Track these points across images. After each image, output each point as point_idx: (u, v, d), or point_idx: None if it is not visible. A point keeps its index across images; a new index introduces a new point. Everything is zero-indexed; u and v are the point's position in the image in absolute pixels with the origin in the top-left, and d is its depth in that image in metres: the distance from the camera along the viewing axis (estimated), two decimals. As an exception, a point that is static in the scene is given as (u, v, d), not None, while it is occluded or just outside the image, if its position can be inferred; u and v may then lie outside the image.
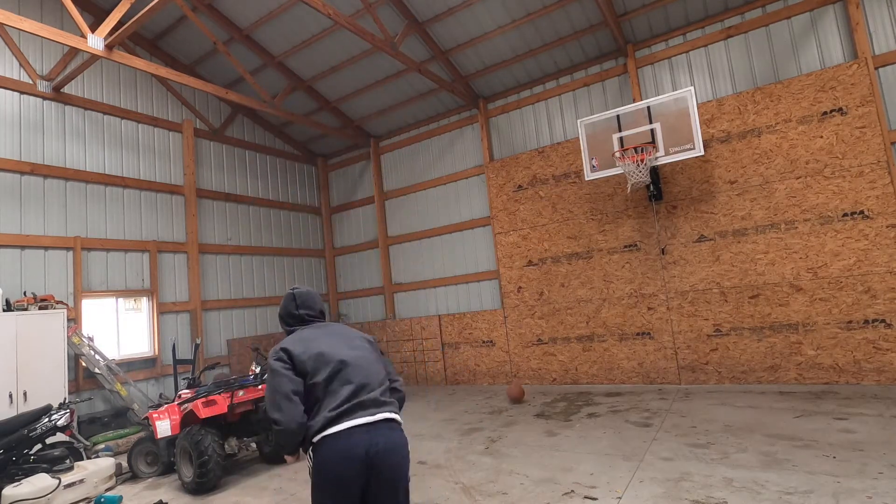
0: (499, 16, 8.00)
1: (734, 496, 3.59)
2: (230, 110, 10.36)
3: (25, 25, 5.66)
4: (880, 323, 6.21)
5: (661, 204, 7.68)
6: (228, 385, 5.55)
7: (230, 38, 8.90)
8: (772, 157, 6.93)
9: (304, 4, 7.38)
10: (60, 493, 4.74)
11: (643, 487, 3.93)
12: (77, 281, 7.38)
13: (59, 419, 5.39)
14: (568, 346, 8.44)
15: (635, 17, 7.68)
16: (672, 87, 7.80)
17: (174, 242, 8.84)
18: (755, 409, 5.75)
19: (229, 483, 5.16)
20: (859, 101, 6.42)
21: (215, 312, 9.40)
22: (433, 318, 10.01)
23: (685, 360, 7.43)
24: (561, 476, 4.35)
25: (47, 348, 6.33)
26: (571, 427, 5.84)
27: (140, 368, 8.06)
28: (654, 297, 7.69)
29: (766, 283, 6.90)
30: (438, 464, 5.03)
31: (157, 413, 5.37)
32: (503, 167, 9.27)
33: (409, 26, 8.10)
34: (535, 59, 8.71)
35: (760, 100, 7.02)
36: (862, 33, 6.47)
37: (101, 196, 7.97)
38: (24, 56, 7.32)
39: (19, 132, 7.16)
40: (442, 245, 10.20)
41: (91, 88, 8.12)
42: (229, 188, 10.13)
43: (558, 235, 8.60)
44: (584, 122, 7.75)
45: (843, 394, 5.96)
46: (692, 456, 4.47)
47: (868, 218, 6.34)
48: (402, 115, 10.50)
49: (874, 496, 3.35)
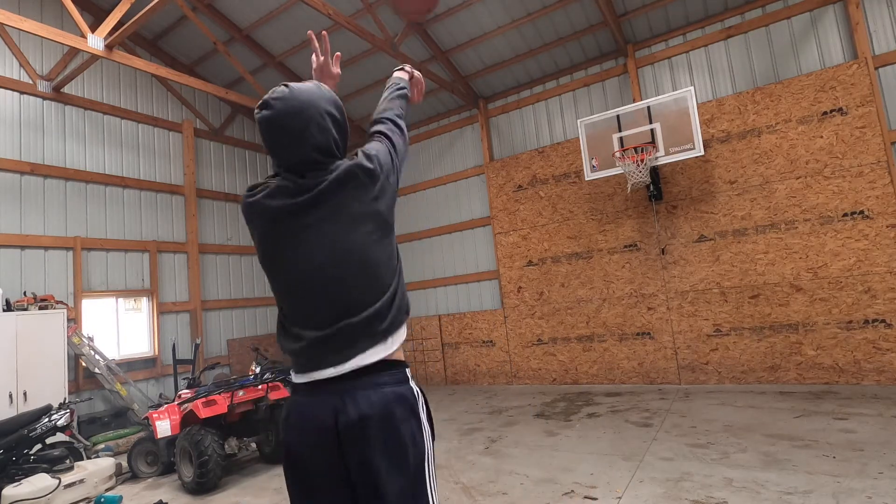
0: (499, 16, 8.00)
1: (734, 496, 3.59)
2: (230, 110, 10.36)
3: (25, 25, 5.66)
4: (880, 323, 6.21)
5: (661, 204, 7.68)
6: (228, 385, 5.55)
7: (230, 38, 8.91)
8: (772, 157, 6.93)
9: (304, 4, 7.38)
10: (60, 493, 4.74)
11: (643, 487, 3.92)
12: (77, 281, 7.38)
13: (59, 419, 5.39)
14: (568, 346, 8.44)
15: (635, 17, 7.68)
16: (672, 87, 7.80)
17: (174, 242, 8.84)
18: (755, 409, 5.75)
19: (229, 483, 5.16)
20: (859, 101, 6.42)
21: (215, 312, 9.40)
22: (433, 318, 10.01)
23: (685, 360, 7.43)
24: (561, 476, 4.35)
25: (47, 348, 6.33)
26: (571, 427, 5.84)
27: (140, 368, 8.06)
28: (654, 297, 7.68)
29: (766, 283, 6.90)
30: (438, 464, 5.03)
31: (157, 413, 5.38)
32: (503, 167, 9.27)
33: (409, 26, 8.10)
34: (535, 59, 8.71)
35: (760, 100, 7.02)
36: (862, 33, 6.47)
37: (101, 196, 7.98)
38: (24, 56, 7.32)
39: (19, 132, 7.16)
40: (442, 245, 10.20)
41: (91, 88, 8.12)
42: (229, 188, 10.13)
43: (558, 235, 8.60)
44: (584, 122, 7.75)
45: (843, 394, 5.96)
46: (692, 456, 4.47)
47: (868, 218, 6.34)
48: (402, 115, 10.49)
49: (874, 496, 3.35)
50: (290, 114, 1.48)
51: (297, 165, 1.51)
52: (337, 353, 1.44)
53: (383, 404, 1.41)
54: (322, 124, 1.52)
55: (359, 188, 1.49)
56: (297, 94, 1.50)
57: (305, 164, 1.51)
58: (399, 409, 1.44)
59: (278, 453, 5.61)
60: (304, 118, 1.49)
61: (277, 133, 1.50)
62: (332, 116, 1.55)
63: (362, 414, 1.39)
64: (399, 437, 1.41)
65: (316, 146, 1.50)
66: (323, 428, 1.41)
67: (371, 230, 1.51)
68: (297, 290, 1.49)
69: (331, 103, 1.57)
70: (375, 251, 1.51)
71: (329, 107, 1.55)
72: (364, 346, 1.45)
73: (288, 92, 1.50)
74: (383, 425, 1.40)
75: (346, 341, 1.44)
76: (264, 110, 1.50)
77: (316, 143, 1.50)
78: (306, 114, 1.49)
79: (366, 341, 1.45)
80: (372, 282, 1.49)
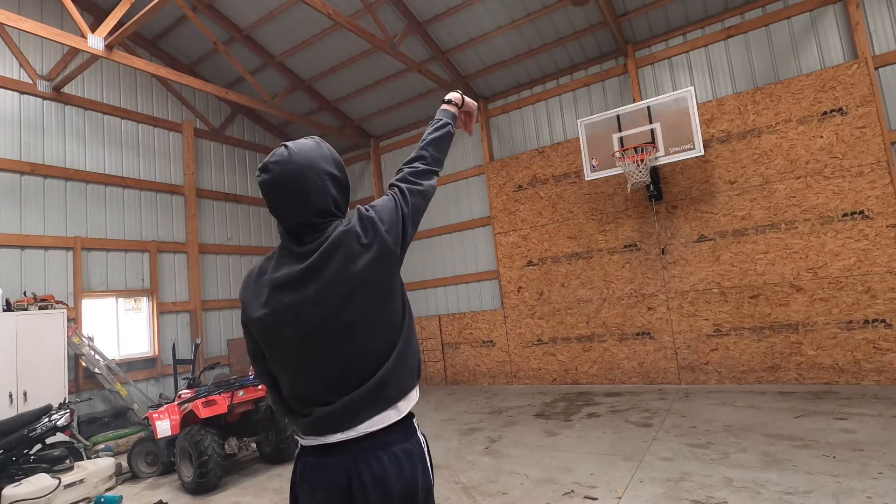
0: (499, 16, 8.00)
1: (734, 496, 3.59)
2: (230, 110, 10.36)
3: (25, 25, 5.66)
4: (880, 323, 6.21)
5: (661, 204, 7.68)
6: (228, 385, 5.55)
7: (230, 38, 8.90)
8: (772, 157, 6.93)
9: (304, 4, 7.38)
10: (60, 493, 4.75)
11: (643, 487, 3.92)
12: (77, 281, 7.38)
13: (59, 419, 5.39)
14: (568, 346, 8.44)
15: (635, 18, 7.68)
16: (672, 87, 7.80)
17: (174, 242, 8.85)
18: (755, 409, 5.75)
19: (229, 483, 5.16)
20: (859, 101, 6.42)
21: (215, 312, 9.40)
22: (433, 318, 10.01)
23: (685, 360, 7.43)
24: (561, 476, 4.35)
25: (47, 348, 6.33)
26: (571, 427, 5.84)
27: (140, 368, 8.06)
28: (654, 297, 7.68)
29: (766, 283, 6.90)
30: (438, 464, 5.03)
31: (157, 413, 5.38)
32: (503, 167, 9.27)
33: (409, 26, 8.10)
34: (535, 59, 8.71)
35: (760, 100, 7.02)
36: (862, 33, 6.47)
37: (101, 196, 7.98)
38: (24, 56, 7.32)
39: (19, 132, 7.16)
40: (442, 245, 10.20)
41: (91, 88, 8.12)
42: (229, 188, 10.13)
43: (558, 235, 8.60)
44: (584, 122, 7.75)
45: (843, 394, 5.96)
46: (692, 456, 4.47)
47: (868, 218, 6.33)
48: (402, 115, 10.50)
49: (874, 496, 3.35)
50: (288, 178, 1.48)
51: (297, 228, 1.51)
52: (345, 423, 1.45)
53: (396, 464, 1.46)
54: (321, 186, 1.50)
55: (349, 257, 1.45)
56: (296, 157, 1.49)
57: (304, 227, 1.51)
58: (408, 463, 1.48)
59: (278, 453, 5.62)
60: (302, 182, 1.48)
61: (277, 197, 1.50)
62: (331, 176, 1.54)
63: (375, 477, 1.44)
64: (413, 493, 1.48)
65: (315, 210, 1.50)
66: (336, 489, 1.45)
67: (369, 299, 1.47)
68: (299, 365, 1.48)
69: (330, 162, 1.55)
70: (375, 318, 1.48)
71: (328, 166, 1.54)
72: (373, 413, 1.45)
73: (287, 155, 1.49)
74: (398, 484, 1.45)
75: (353, 412, 1.44)
76: (264, 174, 1.50)
77: (315, 206, 1.49)
78: (305, 177, 1.48)
79: (374, 409, 1.46)
80: (374, 351, 1.48)
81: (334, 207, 1.54)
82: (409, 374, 1.53)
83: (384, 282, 1.50)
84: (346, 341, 1.45)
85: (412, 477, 1.48)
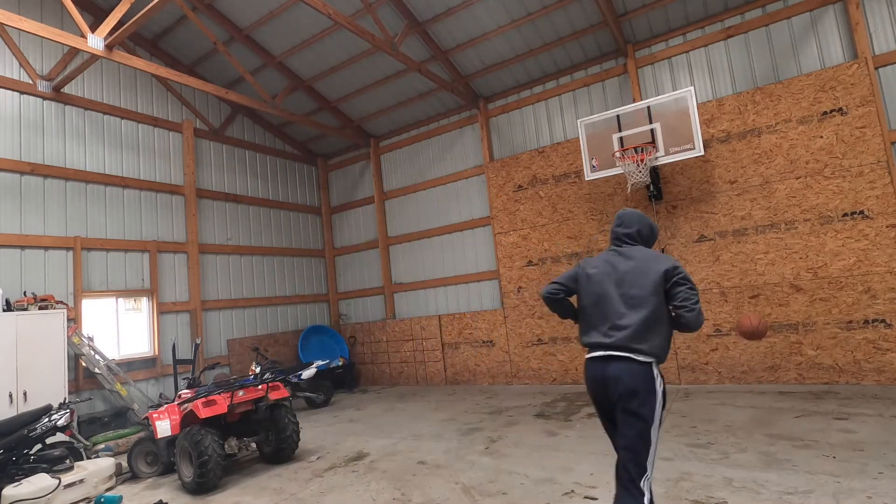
0: (499, 16, 8.00)
1: (734, 496, 3.59)
2: (230, 110, 10.36)
3: (25, 25, 5.66)
4: (880, 323, 6.21)
5: (661, 204, 7.68)
6: (228, 385, 5.54)
7: (230, 38, 8.91)
8: (772, 157, 6.93)
9: (304, 4, 7.38)
10: (60, 493, 4.74)
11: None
12: (77, 281, 7.38)
13: (59, 419, 5.39)
14: (568, 345, 8.44)
15: (635, 17, 7.68)
16: (672, 87, 7.80)
17: (174, 242, 8.84)
18: (755, 409, 5.75)
19: (229, 483, 5.16)
20: (859, 101, 6.42)
21: (215, 312, 9.40)
22: (433, 318, 10.01)
23: (685, 360, 7.43)
24: (561, 476, 4.35)
25: (47, 348, 6.33)
26: (571, 427, 5.84)
27: (140, 368, 8.06)
28: (654, 297, 7.67)
29: (766, 283, 6.90)
30: (438, 464, 5.03)
31: (157, 413, 5.38)
32: (503, 167, 9.27)
33: (409, 26, 8.11)
34: (535, 59, 8.71)
35: (760, 100, 7.02)
36: (862, 33, 6.47)
37: (101, 196, 7.98)
38: (24, 56, 7.32)
39: (19, 132, 7.16)
40: (442, 245, 10.20)
41: (91, 88, 8.12)
42: (229, 188, 10.13)
43: (558, 235, 8.60)
44: (584, 122, 7.75)
45: (843, 394, 5.96)
46: (692, 456, 4.47)
47: (868, 218, 6.34)
48: (402, 115, 10.50)
49: (874, 496, 3.35)
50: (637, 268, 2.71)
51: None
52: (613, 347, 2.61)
53: (629, 370, 2.54)
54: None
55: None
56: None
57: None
58: (639, 375, 2.52)
59: (278, 453, 5.62)
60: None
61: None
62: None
63: (616, 374, 2.56)
64: (638, 391, 2.51)
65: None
66: (597, 379, 2.65)
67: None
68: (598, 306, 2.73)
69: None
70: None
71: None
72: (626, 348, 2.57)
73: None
74: (629, 381, 2.52)
75: (616, 344, 2.58)
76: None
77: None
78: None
79: (630, 347, 2.56)
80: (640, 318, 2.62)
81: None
82: (656, 337, 2.67)
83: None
84: (612, 302, 2.72)
85: (639, 383, 2.55)
